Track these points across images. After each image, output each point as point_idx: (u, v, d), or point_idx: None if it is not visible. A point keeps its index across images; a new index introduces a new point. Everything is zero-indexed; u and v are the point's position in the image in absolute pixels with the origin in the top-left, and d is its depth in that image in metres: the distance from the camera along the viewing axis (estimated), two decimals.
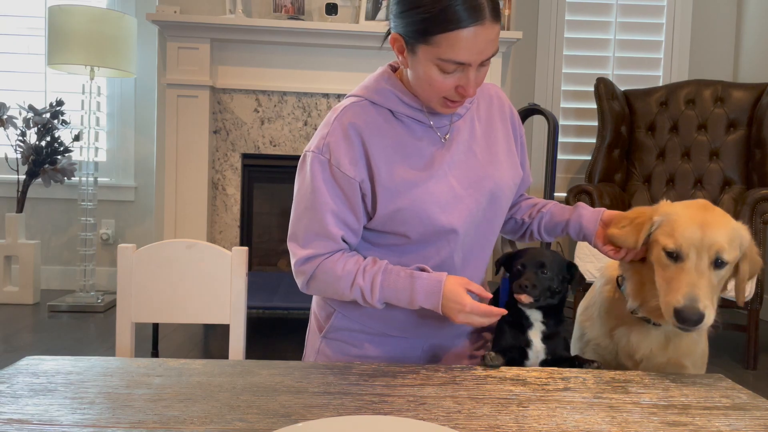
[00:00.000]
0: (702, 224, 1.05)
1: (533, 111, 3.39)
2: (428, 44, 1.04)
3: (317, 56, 3.42)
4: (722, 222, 1.06)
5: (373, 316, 1.23)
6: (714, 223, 1.05)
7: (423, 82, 1.09)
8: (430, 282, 1.11)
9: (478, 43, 1.02)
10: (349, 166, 1.12)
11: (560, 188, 4.10)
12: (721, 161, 3.42)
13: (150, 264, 1.30)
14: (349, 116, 1.15)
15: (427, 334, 1.26)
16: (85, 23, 3.33)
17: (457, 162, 1.18)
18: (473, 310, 1.08)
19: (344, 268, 1.13)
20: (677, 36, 4.11)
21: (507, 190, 1.23)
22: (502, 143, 1.25)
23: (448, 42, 1.02)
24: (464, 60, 1.03)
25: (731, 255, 1.04)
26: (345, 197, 1.13)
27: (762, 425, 0.83)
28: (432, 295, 1.10)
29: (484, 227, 1.22)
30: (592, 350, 1.21)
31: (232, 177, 3.46)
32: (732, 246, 1.04)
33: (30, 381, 0.90)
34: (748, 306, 2.79)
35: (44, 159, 3.61)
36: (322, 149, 1.13)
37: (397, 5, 1.08)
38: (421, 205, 1.13)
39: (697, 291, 1.01)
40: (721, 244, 1.03)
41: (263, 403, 0.84)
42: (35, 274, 3.71)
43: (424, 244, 1.18)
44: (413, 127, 1.17)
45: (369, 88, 1.19)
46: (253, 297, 2.83)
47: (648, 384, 0.98)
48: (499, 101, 1.28)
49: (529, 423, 0.81)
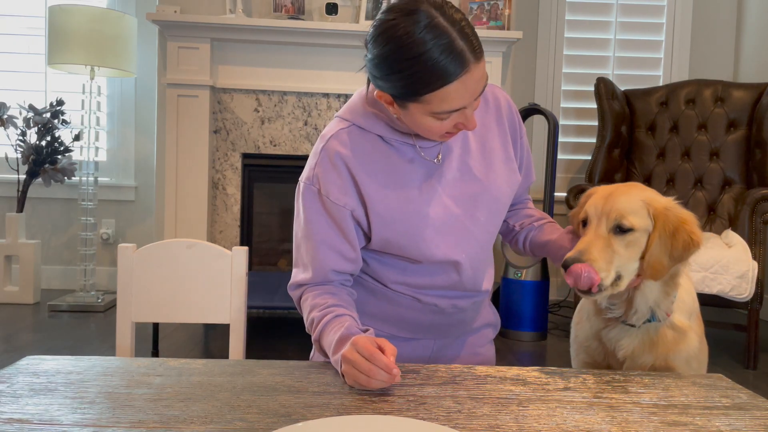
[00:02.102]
0: (608, 194, 1.08)
1: (533, 111, 3.39)
2: (419, 102, 1.01)
3: (317, 56, 3.42)
4: (629, 192, 1.07)
5: (384, 320, 1.24)
6: (619, 192, 1.07)
7: (419, 128, 1.06)
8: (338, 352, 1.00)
9: (468, 88, 0.99)
10: (339, 195, 1.11)
11: (560, 188, 4.10)
12: (721, 161, 3.42)
13: (150, 264, 1.30)
14: (336, 145, 1.12)
15: (437, 335, 1.27)
16: (85, 23, 3.33)
17: (451, 180, 1.16)
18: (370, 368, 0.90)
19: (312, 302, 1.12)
20: (677, 36, 4.11)
21: (504, 198, 1.21)
22: (498, 151, 1.22)
23: (438, 98, 0.99)
24: (459, 107, 1.01)
25: (634, 221, 1.05)
26: (338, 227, 1.12)
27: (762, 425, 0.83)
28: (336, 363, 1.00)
29: (486, 241, 1.22)
30: (583, 351, 1.22)
31: (233, 177, 3.46)
32: (635, 213, 1.05)
33: (30, 381, 0.90)
34: (748, 305, 2.79)
35: (44, 159, 3.61)
36: (312, 180, 1.13)
37: (376, 69, 1.02)
38: (416, 230, 1.12)
39: (589, 248, 1.04)
40: (619, 211, 1.05)
41: (263, 402, 0.84)
42: (35, 274, 3.71)
43: (430, 268, 1.18)
44: (403, 150, 1.14)
45: (356, 112, 1.15)
46: (253, 297, 2.83)
47: (648, 384, 0.98)
48: (495, 101, 1.24)
49: (529, 423, 0.81)
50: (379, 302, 1.23)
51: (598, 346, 1.18)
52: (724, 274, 2.71)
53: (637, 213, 1.05)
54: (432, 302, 1.21)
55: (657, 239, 1.04)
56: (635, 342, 1.12)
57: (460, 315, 1.25)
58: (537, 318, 3.27)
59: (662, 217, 1.05)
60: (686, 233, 1.04)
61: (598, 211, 1.07)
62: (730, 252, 2.77)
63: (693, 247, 1.04)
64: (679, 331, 1.12)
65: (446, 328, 1.26)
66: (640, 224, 1.05)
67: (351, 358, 0.91)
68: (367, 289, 1.23)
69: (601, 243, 1.04)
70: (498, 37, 3.38)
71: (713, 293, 2.73)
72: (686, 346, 1.12)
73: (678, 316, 1.12)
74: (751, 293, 2.71)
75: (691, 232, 1.04)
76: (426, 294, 1.20)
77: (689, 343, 1.13)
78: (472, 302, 1.25)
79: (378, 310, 1.23)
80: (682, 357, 1.13)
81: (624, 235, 1.05)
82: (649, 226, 1.06)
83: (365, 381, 0.89)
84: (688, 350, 1.13)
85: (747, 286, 2.70)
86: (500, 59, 3.47)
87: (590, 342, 1.20)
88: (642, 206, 1.06)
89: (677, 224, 1.05)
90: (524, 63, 4.12)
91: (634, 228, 1.05)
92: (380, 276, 1.21)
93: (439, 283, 1.19)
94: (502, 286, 3.37)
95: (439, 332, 1.26)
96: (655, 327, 1.11)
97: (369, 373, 0.88)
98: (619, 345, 1.13)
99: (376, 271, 1.21)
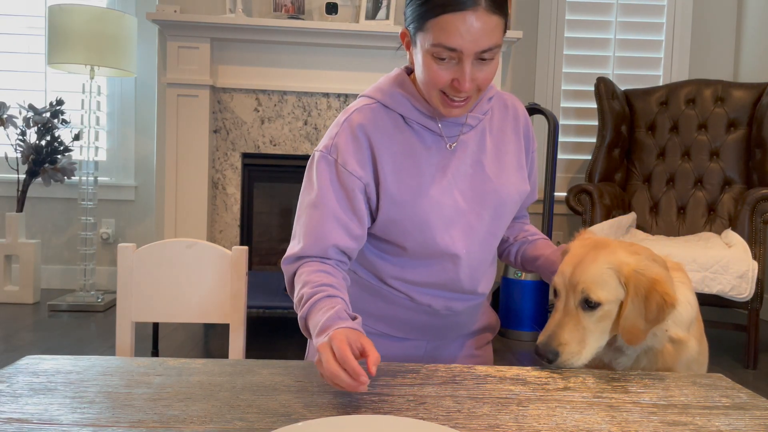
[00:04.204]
0: (576, 263, 1.04)
1: (533, 111, 3.39)
2: (423, 31, 1.04)
3: (317, 56, 3.42)
4: (597, 260, 1.03)
5: (378, 318, 1.24)
6: (587, 261, 1.03)
7: (422, 73, 1.08)
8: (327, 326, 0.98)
9: (470, 30, 1.00)
10: (356, 166, 1.11)
11: (560, 188, 4.10)
12: (721, 161, 3.42)
13: (150, 263, 1.30)
14: (360, 118, 1.14)
15: (430, 336, 1.26)
16: (85, 22, 3.33)
17: (464, 174, 1.17)
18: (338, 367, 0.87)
19: (305, 279, 1.08)
20: (677, 35, 4.11)
21: (511, 203, 1.21)
22: (512, 156, 1.23)
23: (438, 26, 1.02)
24: (455, 46, 1.01)
25: (601, 295, 1.01)
26: (348, 200, 1.12)
27: (762, 425, 0.83)
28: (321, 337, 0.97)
29: (488, 242, 1.22)
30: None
31: (233, 176, 3.46)
32: (602, 285, 1.01)
33: (30, 380, 0.90)
34: (748, 305, 2.79)
35: (44, 158, 3.61)
36: (330, 149, 1.13)
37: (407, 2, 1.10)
38: (423, 215, 1.12)
39: (559, 330, 1.02)
40: (585, 284, 1.01)
41: (263, 402, 0.84)
42: (35, 274, 3.71)
43: (428, 261, 1.17)
44: (423, 135, 1.16)
45: (382, 90, 1.17)
46: (253, 297, 2.83)
47: (648, 384, 0.98)
48: (515, 113, 1.26)
49: (529, 423, 0.81)
50: (374, 300, 1.23)
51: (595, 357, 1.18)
52: (724, 274, 2.71)
53: (606, 284, 1.02)
54: (426, 302, 1.20)
55: (630, 304, 1.01)
56: (630, 360, 1.11)
57: (455, 318, 1.25)
58: (537, 318, 3.27)
59: (633, 281, 1.01)
60: (659, 295, 1.00)
61: (565, 283, 1.04)
62: (730, 252, 2.77)
63: (667, 308, 1.01)
64: (677, 343, 1.10)
65: (440, 330, 1.25)
66: (608, 297, 1.02)
67: (323, 352, 0.88)
68: (362, 286, 1.23)
69: (570, 321, 1.02)
70: None
71: (713, 293, 2.73)
72: (686, 355, 1.12)
73: (675, 330, 1.09)
74: (751, 293, 2.71)
75: (664, 293, 1.00)
76: (421, 292, 1.20)
77: (689, 351, 1.12)
78: (468, 305, 1.24)
79: (372, 308, 1.23)
80: (683, 363, 1.12)
81: (593, 311, 1.02)
82: (621, 295, 1.02)
83: (329, 380, 0.86)
84: (688, 357, 1.12)
85: (747, 286, 2.70)
86: (500, 59, 3.46)
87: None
88: (611, 274, 1.02)
89: (649, 287, 1.00)
90: (524, 63, 4.12)
91: (602, 302, 1.02)
92: (377, 270, 1.20)
93: (435, 279, 1.19)
94: (502, 286, 3.37)
95: (433, 334, 1.26)
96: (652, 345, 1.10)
97: (333, 375, 0.84)
98: (617, 363, 1.12)
99: (374, 264, 1.20)
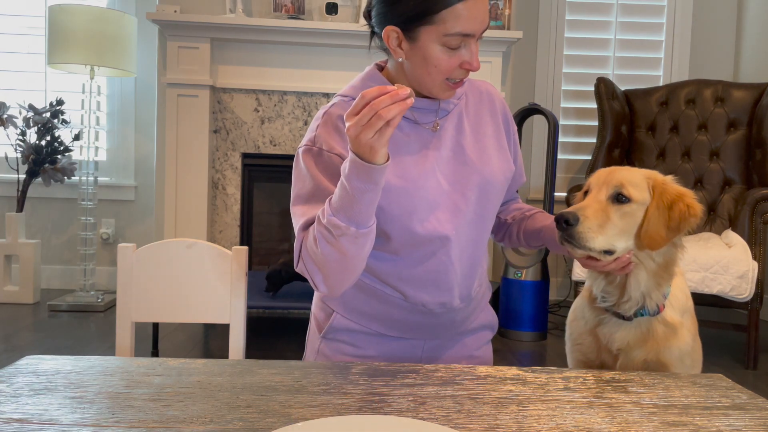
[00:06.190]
0: (613, 168, 1.11)
1: (533, 111, 3.39)
2: (432, 23, 1.05)
3: (317, 56, 3.42)
4: (633, 168, 1.11)
5: (373, 317, 1.23)
6: (623, 168, 1.11)
7: (428, 66, 1.09)
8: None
9: (479, 11, 1.05)
10: (341, 150, 1.12)
11: (560, 188, 4.10)
12: (721, 161, 3.42)
13: (150, 263, 1.30)
14: (338, 110, 1.16)
15: (426, 335, 1.26)
16: (85, 22, 3.33)
17: (445, 158, 1.18)
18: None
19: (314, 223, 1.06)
20: (677, 36, 4.11)
21: (497, 184, 1.22)
22: (491, 137, 1.25)
23: (452, 15, 1.04)
24: (470, 31, 1.06)
25: (633, 192, 1.07)
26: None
27: (762, 425, 0.83)
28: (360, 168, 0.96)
29: (477, 224, 1.21)
30: (577, 349, 1.22)
31: (232, 176, 3.46)
32: (635, 185, 1.07)
33: (30, 380, 0.90)
34: (748, 305, 2.79)
35: (44, 158, 3.61)
36: (314, 140, 1.13)
37: (383, 1, 1.09)
38: (409, 201, 1.13)
39: (585, 208, 1.06)
40: (620, 180, 1.07)
41: (263, 402, 0.84)
42: (35, 274, 3.71)
43: (419, 251, 1.17)
44: (400, 124, 1.17)
45: (355, 87, 1.20)
46: (253, 297, 2.83)
47: (648, 384, 0.98)
48: (489, 97, 1.28)
49: (529, 423, 0.81)
50: (368, 300, 1.22)
51: (592, 342, 1.19)
52: (724, 274, 2.71)
53: (638, 185, 1.08)
54: (420, 301, 1.20)
55: (655, 209, 1.07)
56: (629, 336, 1.14)
57: (450, 316, 1.24)
58: (537, 318, 3.27)
59: (660, 189, 1.08)
60: (684, 204, 1.06)
61: (600, 181, 1.10)
62: (730, 252, 2.77)
63: (690, 217, 1.06)
64: (670, 327, 1.13)
65: (435, 328, 1.25)
66: (638, 196, 1.07)
67: (352, 119, 0.89)
68: (356, 286, 1.23)
69: (598, 207, 1.07)
70: (498, 36, 3.38)
71: (713, 293, 2.74)
72: (678, 342, 1.13)
73: (670, 313, 1.14)
74: (751, 293, 2.71)
75: (689, 203, 1.06)
76: (415, 290, 1.19)
77: (681, 339, 1.14)
78: (462, 302, 1.24)
79: (366, 308, 1.23)
80: (675, 353, 1.13)
81: (621, 206, 1.07)
82: (648, 200, 1.08)
83: (375, 119, 0.87)
84: (680, 346, 1.13)
85: (747, 286, 2.70)
86: (500, 59, 3.47)
87: (584, 338, 1.21)
88: (643, 180, 1.09)
89: (675, 196, 1.07)
90: (524, 63, 4.12)
91: (632, 199, 1.07)
92: (371, 268, 1.20)
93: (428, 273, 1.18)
94: (502, 286, 3.37)
95: (429, 333, 1.25)
96: (648, 321, 1.13)
97: (373, 105, 0.87)
98: (613, 339, 1.15)
99: (367, 263, 1.20)
